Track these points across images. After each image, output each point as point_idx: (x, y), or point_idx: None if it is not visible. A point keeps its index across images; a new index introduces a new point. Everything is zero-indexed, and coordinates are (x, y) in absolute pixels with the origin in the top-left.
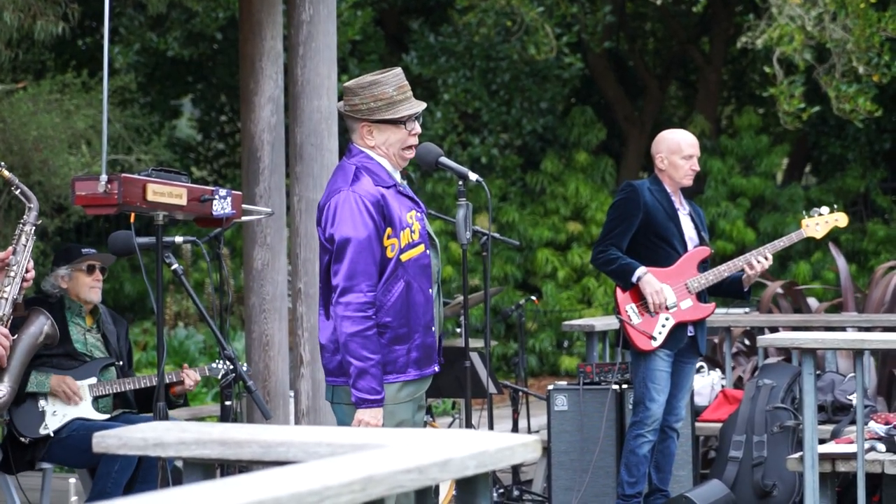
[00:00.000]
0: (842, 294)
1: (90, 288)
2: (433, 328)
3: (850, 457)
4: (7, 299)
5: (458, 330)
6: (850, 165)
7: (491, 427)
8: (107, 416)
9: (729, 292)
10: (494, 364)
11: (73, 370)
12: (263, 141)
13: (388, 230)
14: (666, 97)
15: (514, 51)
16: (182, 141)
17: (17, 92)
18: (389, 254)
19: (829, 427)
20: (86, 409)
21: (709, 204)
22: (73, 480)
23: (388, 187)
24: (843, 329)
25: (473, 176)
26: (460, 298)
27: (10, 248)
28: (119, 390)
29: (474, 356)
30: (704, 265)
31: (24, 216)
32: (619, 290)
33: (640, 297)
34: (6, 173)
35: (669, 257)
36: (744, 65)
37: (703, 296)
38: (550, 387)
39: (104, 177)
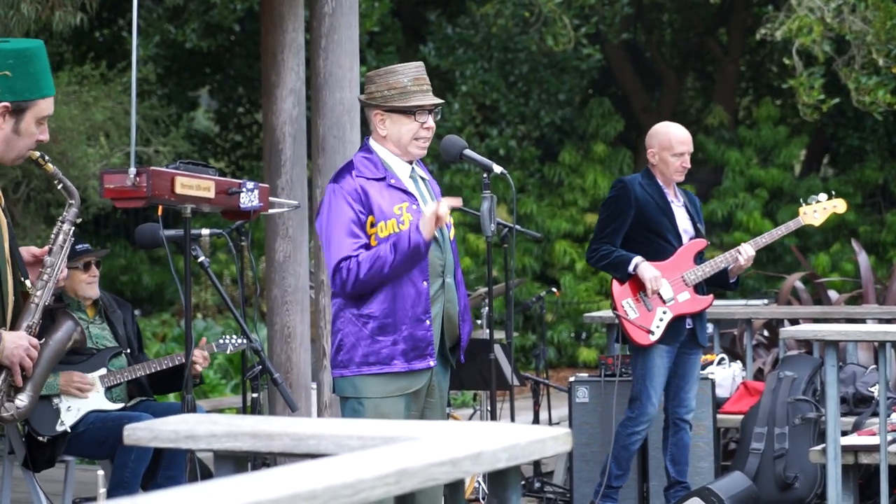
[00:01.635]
0: (862, 286)
1: (87, 284)
2: (426, 321)
3: (873, 449)
4: (38, 305)
5: (479, 321)
6: (868, 157)
7: (513, 419)
8: (121, 405)
9: (716, 283)
10: (514, 355)
11: (81, 364)
12: (285, 133)
13: (371, 218)
14: (683, 88)
15: (532, 42)
16: (200, 132)
17: None
18: (373, 243)
19: (851, 419)
20: (99, 401)
21: (727, 195)
22: (100, 473)
23: (377, 179)
24: (863, 321)
25: (498, 168)
26: (481, 290)
27: (47, 248)
28: (130, 377)
29: (497, 348)
30: (701, 257)
31: (64, 213)
32: (614, 286)
33: (636, 291)
34: (50, 167)
35: (665, 251)
36: (762, 56)
37: (700, 288)
38: (572, 379)
39: (133, 170)
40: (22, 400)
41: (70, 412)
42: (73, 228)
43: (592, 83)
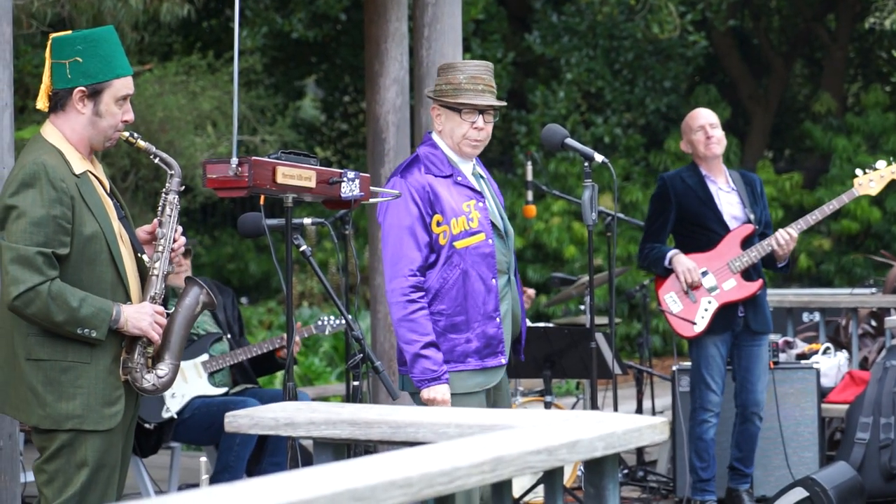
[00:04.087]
0: None
1: (174, 275)
2: (497, 318)
3: None
4: (158, 276)
5: (582, 307)
6: None
7: (616, 408)
8: (225, 390)
9: (767, 266)
10: (618, 344)
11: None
12: (388, 122)
13: (438, 217)
14: (791, 75)
15: (638, 29)
16: (306, 122)
17: (144, 74)
18: (442, 241)
19: None
20: (203, 387)
21: (833, 183)
22: (203, 459)
23: (444, 177)
24: None
25: (599, 157)
26: (585, 278)
27: (156, 221)
28: (232, 362)
29: (599, 337)
30: (753, 241)
31: (167, 184)
32: (658, 283)
33: (680, 285)
34: (142, 143)
35: (711, 241)
36: (871, 42)
37: (751, 274)
38: (675, 367)
39: (235, 160)
40: (162, 369)
41: (175, 399)
42: (178, 197)
43: (698, 70)
